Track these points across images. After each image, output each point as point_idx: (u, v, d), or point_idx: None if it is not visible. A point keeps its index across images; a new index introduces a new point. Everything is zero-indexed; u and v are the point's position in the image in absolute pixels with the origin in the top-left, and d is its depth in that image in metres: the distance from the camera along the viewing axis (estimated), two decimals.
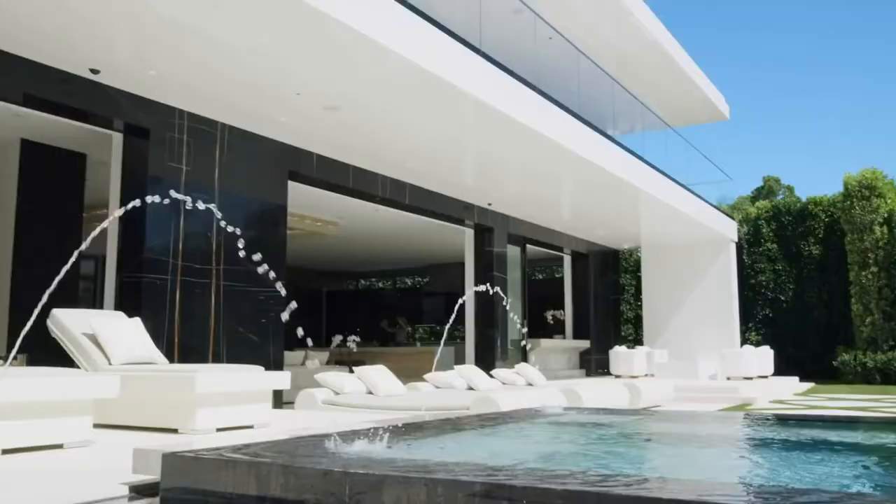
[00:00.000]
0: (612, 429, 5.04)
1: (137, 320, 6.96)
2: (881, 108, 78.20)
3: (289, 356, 11.71)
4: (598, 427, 5.21)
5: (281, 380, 6.55)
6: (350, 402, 8.43)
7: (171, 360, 7.75)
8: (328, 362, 14.90)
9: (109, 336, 6.42)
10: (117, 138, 8.46)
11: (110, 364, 6.32)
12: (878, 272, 18.34)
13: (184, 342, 8.36)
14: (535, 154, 10.90)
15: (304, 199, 12.03)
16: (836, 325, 19.91)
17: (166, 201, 6.52)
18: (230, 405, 6.05)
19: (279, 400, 9.02)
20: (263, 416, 6.30)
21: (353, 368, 9.52)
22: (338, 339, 16.48)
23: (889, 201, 18.56)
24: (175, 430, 5.86)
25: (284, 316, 3.96)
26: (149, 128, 8.25)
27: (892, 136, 76.08)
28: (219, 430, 5.95)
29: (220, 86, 8.06)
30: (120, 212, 5.82)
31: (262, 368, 6.48)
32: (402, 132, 9.82)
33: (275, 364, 9.30)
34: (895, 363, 17.58)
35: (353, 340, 16.99)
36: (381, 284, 25.96)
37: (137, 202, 4.87)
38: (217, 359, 8.67)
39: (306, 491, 2.62)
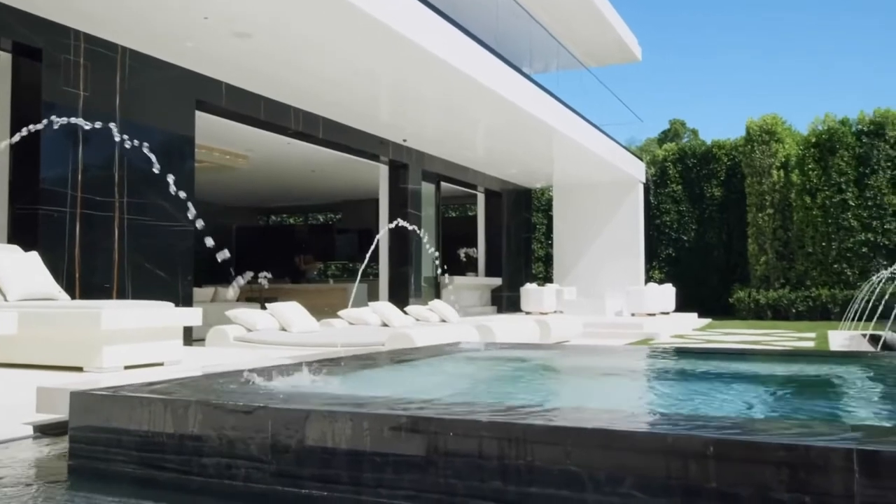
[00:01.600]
0: (529, 363, 5.14)
1: (34, 254, 6.59)
2: (784, 56, 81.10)
3: (198, 293, 11.42)
4: (515, 361, 5.31)
5: (192, 316, 6.36)
6: (263, 339, 8.31)
7: (73, 297, 7.40)
8: (238, 299, 14.61)
9: (3, 271, 6.05)
10: (5, 58, 7.84)
11: (6, 300, 5.98)
12: (773, 214, 19.25)
13: (85, 278, 7.99)
14: (451, 89, 10.77)
15: (212, 131, 11.56)
16: (733, 264, 20.89)
17: (58, 125, 6.11)
18: (139, 342, 5.85)
19: (189, 337, 8.80)
20: (174, 354, 6.12)
21: (266, 305, 9.37)
22: (248, 275, 16.13)
23: (787, 146, 19.38)
24: (80, 369, 5.63)
25: (221, 256, 3.81)
26: (41, 48, 7.67)
27: (793, 83, 79.22)
28: (127, 367, 5.75)
29: (120, 6, 7.54)
30: (13, 139, 5.42)
31: (171, 305, 6.27)
32: (314, 63, 9.50)
33: (184, 300, 9.04)
34: (785, 300, 18.65)
35: (265, 277, 16.66)
36: (292, 220, 25.50)
37: (33, 127, 4.54)
38: (122, 295, 8.34)
39: (227, 428, 2.55)
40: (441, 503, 2.34)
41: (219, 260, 4.12)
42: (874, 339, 10.17)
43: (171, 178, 4.39)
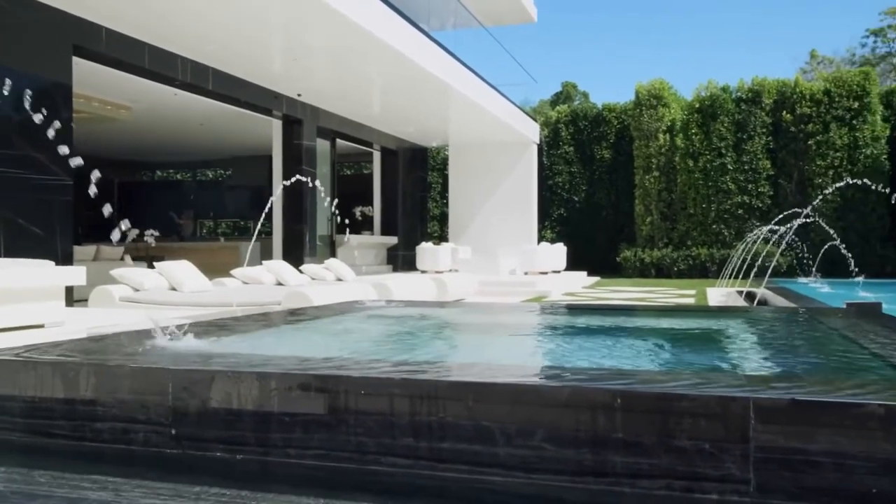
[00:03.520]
0: (431, 320, 5.16)
1: None
2: (673, 21, 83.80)
3: (79, 251, 10.82)
4: (417, 319, 5.31)
5: (74, 275, 6.01)
6: (152, 299, 7.98)
7: None
8: (121, 258, 13.95)
9: None
10: None
11: None
12: (659, 176, 20.01)
13: None
14: (346, 42, 10.50)
15: (92, 79, 10.85)
16: (621, 224, 21.65)
17: None
18: (16, 303, 5.48)
19: (70, 298, 8.33)
20: (56, 315, 5.78)
21: (154, 264, 8.99)
22: (133, 233, 15.39)
23: (672, 111, 20.10)
24: None
25: (106, 211, 3.56)
26: None
27: (681, 49, 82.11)
28: (2, 330, 5.39)
29: None
30: None
31: (51, 263, 5.90)
32: (201, 6, 9.01)
33: (64, 259, 8.52)
34: (668, 259, 19.53)
35: (152, 235, 15.96)
36: (179, 176, 24.48)
37: None
38: None
39: (124, 391, 2.42)
40: (352, 461, 2.32)
41: (105, 214, 3.88)
42: (749, 296, 10.82)
43: (49, 130, 4.07)
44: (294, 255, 13.54)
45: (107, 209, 4.01)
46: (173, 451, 2.42)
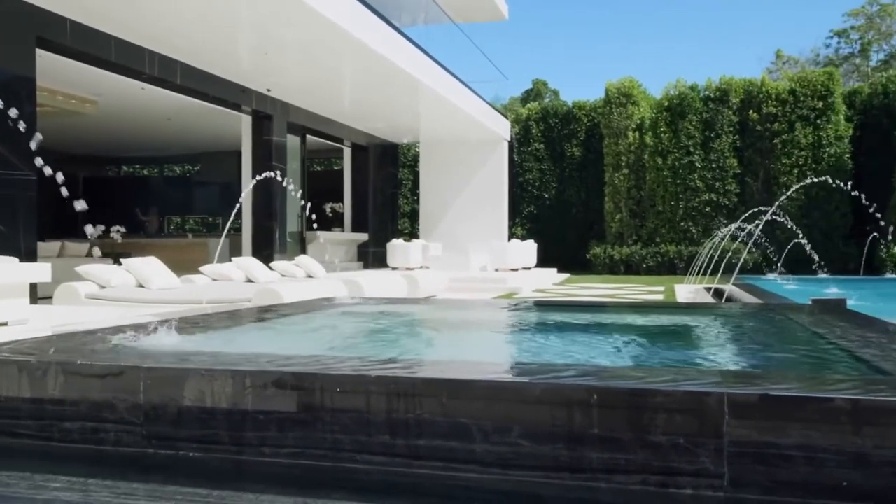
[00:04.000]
0: (405, 317, 5.14)
1: None
2: (643, 18, 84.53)
3: (43, 247, 10.62)
4: (391, 316, 5.30)
5: (39, 272, 5.89)
6: (119, 297, 7.86)
7: None
8: (88, 254, 13.73)
9: None
10: None
11: None
12: (628, 174, 20.18)
13: None
14: (316, 37, 10.41)
15: (56, 73, 10.64)
16: (591, 221, 21.80)
17: None
18: None
19: (34, 295, 8.16)
20: (20, 313, 5.66)
21: (121, 260, 8.85)
22: (99, 229, 15.16)
23: (642, 109, 20.28)
24: None
25: (79, 206, 3.49)
26: None
27: (651, 46, 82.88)
28: None
29: None
30: None
31: (15, 260, 5.77)
32: (170, 0, 8.88)
33: (27, 255, 8.35)
34: (637, 255, 19.71)
35: (118, 231, 15.73)
36: (146, 172, 24.12)
37: None
38: None
39: (94, 390, 2.38)
40: (327, 459, 2.30)
41: (77, 209, 3.81)
42: (717, 293, 10.95)
43: (10, 123, 3.98)
44: (264, 252, 13.42)
45: (79, 205, 3.93)
46: (145, 451, 2.38)
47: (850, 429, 2.03)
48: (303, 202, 14.26)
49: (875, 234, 16.11)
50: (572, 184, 22.13)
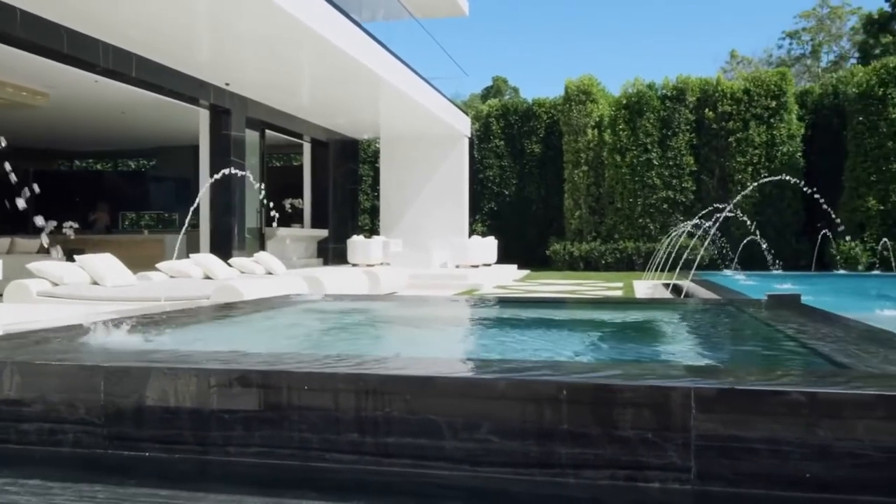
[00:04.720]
0: (367, 314, 5.11)
1: None
2: (602, 15, 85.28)
3: None
4: (354, 313, 5.26)
5: None
6: (73, 294, 7.68)
7: None
8: (38, 251, 13.37)
9: None
10: None
11: None
12: (587, 171, 20.36)
13: None
14: (275, 30, 10.28)
15: (6, 64, 10.34)
16: (550, 218, 21.94)
17: None
18: None
19: None
20: None
21: (75, 257, 8.65)
22: (51, 224, 14.76)
23: (600, 107, 20.47)
24: None
25: (20, 203, 3.39)
26: None
27: (609, 43, 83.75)
28: None
29: None
30: None
31: None
32: None
33: None
34: (596, 252, 19.91)
35: (71, 227, 15.32)
36: (99, 166, 23.60)
37: None
38: None
39: (52, 390, 2.31)
40: (295, 458, 2.27)
41: (19, 206, 3.68)
42: (675, 289, 11.12)
43: None
44: (222, 249, 13.23)
45: (20, 202, 3.81)
46: (106, 452, 2.32)
47: (813, 421, 2.07)
48: (262, 198, 14.09)
49: (826, 231, 16.52)
50: (532, 181, 22.25)
